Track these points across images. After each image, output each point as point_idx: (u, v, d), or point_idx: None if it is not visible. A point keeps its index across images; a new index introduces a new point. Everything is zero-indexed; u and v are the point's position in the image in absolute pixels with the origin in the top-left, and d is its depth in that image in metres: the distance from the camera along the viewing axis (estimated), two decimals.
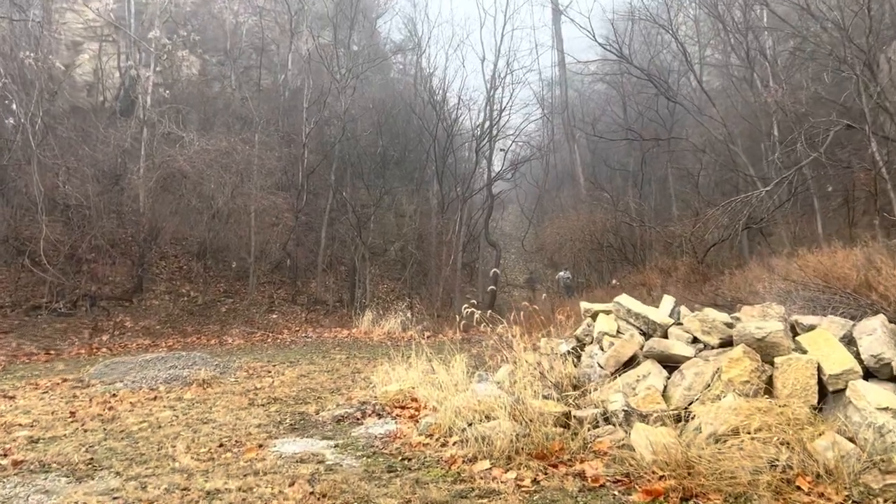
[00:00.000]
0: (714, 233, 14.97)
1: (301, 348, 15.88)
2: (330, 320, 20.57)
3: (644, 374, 6.86)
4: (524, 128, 28.35)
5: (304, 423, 7.60)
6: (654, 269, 16.21)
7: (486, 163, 25.88)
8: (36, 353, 14.55)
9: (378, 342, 17.06)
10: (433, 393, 7.87)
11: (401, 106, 26.87)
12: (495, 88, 24.89)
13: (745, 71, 20.32)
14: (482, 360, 10.70)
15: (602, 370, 7.26)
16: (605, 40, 18.79)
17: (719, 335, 7.17)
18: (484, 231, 27.05)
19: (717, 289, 11.88)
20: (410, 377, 8.78)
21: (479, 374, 8.21)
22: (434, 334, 18.32)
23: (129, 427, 7.56)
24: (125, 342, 16.17)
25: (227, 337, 17.41)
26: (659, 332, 7.59)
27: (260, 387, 10.31)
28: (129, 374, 11.12)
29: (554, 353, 8.33)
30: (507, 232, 37.25)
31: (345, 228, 24.73)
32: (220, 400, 9.21)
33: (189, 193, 18.56)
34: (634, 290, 16.07)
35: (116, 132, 18.56)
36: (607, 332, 7.94)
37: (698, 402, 6.27)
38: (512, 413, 6.41)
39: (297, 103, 25.02)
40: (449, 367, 8.88)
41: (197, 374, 11.03)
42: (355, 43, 28.42)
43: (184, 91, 25.44)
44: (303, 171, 23.24)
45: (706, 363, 6.58)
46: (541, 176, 35.61)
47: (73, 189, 16.54)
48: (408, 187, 28.06)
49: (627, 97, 23.23)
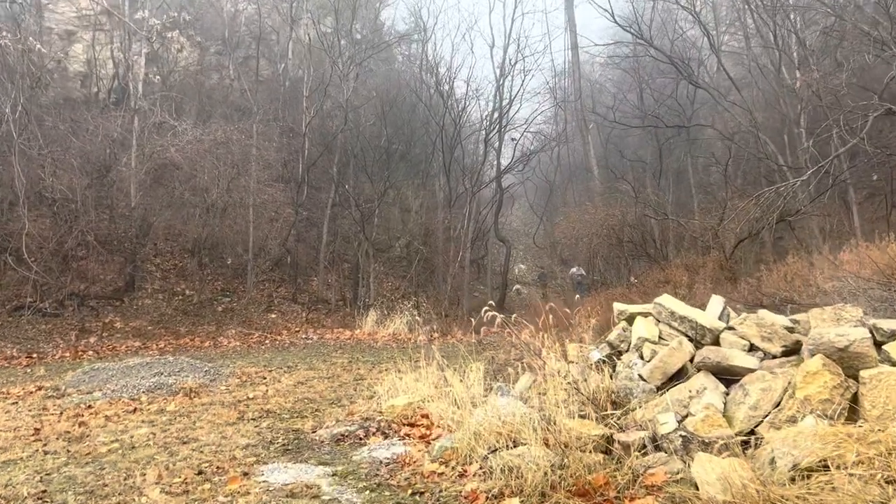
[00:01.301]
0: (745, 226, 13.88)
1: (300, 351, 14.89)
2: (332, 320, 19.56)
3: (698, 389, 5.82)
4: (536, 116, 27.22)
5: (298, 444, 6.60)
6: (678, 266, 15.13)
7: (496, 154, 24.77)
8: (17, 357, 13.61)
9: (383, 344, 16.05)
10: (447, 408, 6.86)
11: (406, 95, 25.75)
12: (505, 76, 23.81)
13: (771, 55, 19.23)
14: (500, 368, 9.67)
15: (645, 383, 6.22)
16: (625, 22, 17.71)
17: (781, 342, 6.15)
18: (493, 226, 25.95)
19: (757, 287, 10.82)
20: (420, 389, 7.76)
21: (498, 387, 7.18)
22: (442, 335, 17.30)
23: (98, 448, 6.58)
24: (113, 344, 15.21)
25: (222, 338, 16.43)
26: (709, 338, 6.56)
27: (252, 396, 9.32)
28: (109, 382, 10.14)
29: (585, 362, 7.30)
30: (515, 228, 36.15)
31: (348, 224, 23.69)
32: (206, 413, 8.22)
33: (182, 186, 17.55)
34: (658, 288, 14.99)
35: (105, 122, 17.54)
36: (648, 339, 6.89)
37: (768, 424, 5.24)
38: (543, 437, 5.40)
39: (298, 94, 24.01)
40: (464, 376, 7.88)
41: (184, 381, 10.06)
42: (358, 32, 27.36)
43: (180, 81, 24.45)
44: (303, 164, 22.21)
45: (774, 377, 5.54)
46: (550, 169, 34.50)
47: (59, 182, 15.55)
48: (413, 181, 26.97)
49: (644, 83, 22.11)
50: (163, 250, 20.64)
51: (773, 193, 13.62)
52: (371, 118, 24.54)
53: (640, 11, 18.10)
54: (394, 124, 25.13)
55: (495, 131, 23.88)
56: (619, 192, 20.41)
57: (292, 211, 21.53)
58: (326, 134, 23.45)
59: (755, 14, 17.57)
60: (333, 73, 22.14)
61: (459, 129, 24.01)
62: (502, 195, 25.38)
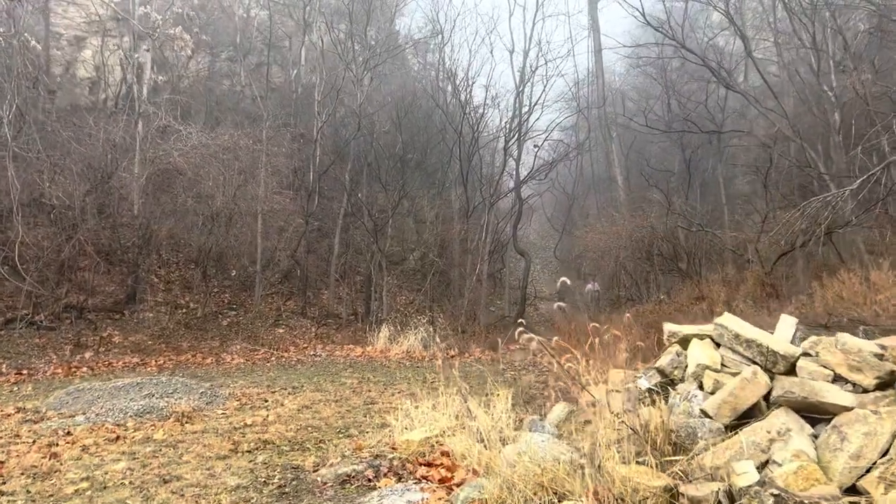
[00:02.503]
0: (789, 239, 12.79)
1: (308, 369, 13.92)
2: (342, 336, 18.58)
3: (779, 430, 4.79)
4: (558, 123, 26.13)
5: (296, 486, 5.64)
6: (715, 282, 14.04)
7: (515, 163, 23.81)
8: (5, 374, 12.74)
9: (396, 362, 15.06)
10: (471, 445, 5.85)
11: (422, 101, 24.83)
12: (525, 83, 22.83)
13: (805, 59, 18.21)
14: (530, 397, 8.68)
15: (711, 421, 5.18)
16: (656, 23, 16.68)
17: (874, 373, 5.16)
18: (512, 238, 24.88)
19: (809, 306, 9.75)
20: (439, 420, 6.75)
21: (531, 420, 6.16)
22: (459, 353, 16.28)
23: (63, 489, 5.65)
24: (110, 360, 14.31)
25: (225, 355, 15.50)
26: (781, 366, 5.54)
27: (250, 423, 8.36)
28: (94, 405, 9.21)
29: (633, 392, 6.28)
30: (531, 241, 35.11)
31: (360, 234, 22.74)
32: (196, 443, 7.26)
33: (186, 193, 16.71)
34: (692, 305, 13.96)
35: (108, 126, 16.76)
36: (708, 366, 5.87)
37: (877, 479, 4.21)
38: (593, 487, 4.41)
39: (310, 101, 23.23)
40: (488, 403, 6.89)
41: (176, 404, 9.11)
42: (373, 38, 26.60)
43: (190, 87, 23.79)
44: (314, 171, 21.32)
45: (879, 419, 4.50)
46: (569, 181, 33.48)
47: (57, 188, 14.75)
48: (429, 191, 26.01)
49: (671, 89, 21.06)
50: (168, 261, 19.81)
51: (820, 204, 12.55)
52: (386, 124, 23.66)
53: (670, 12, 17.12)
54: (409, 131, 24.22)
55: (514, 139, 22.91)
56: (647, 203, 19.31)
57: (302, 221, 20.64)
58: (339, 141, 22.58)
59: (793, 15, 16.54)
60: (347, 78, 21.32)
61: (478, 137, 23.04)
62: (521, 206, 24.36)
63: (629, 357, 7.62)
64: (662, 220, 17.18)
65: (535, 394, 9.97)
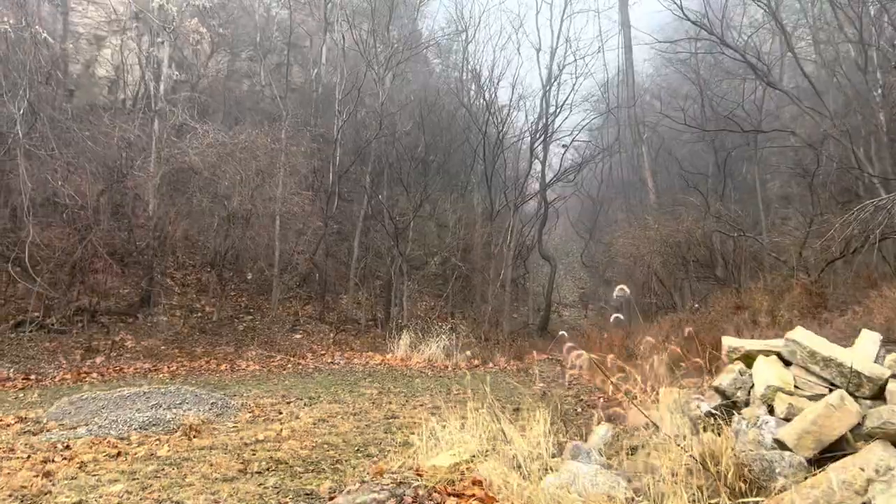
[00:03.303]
0: (838, 244, 11.94)
1: (325, 377, 13.31)
2: (361, 343, 17.95)
3: (877, 467, 4.04)
4: (587, 123, 25.34)
5: None
6: (757, 290, 13.19)
7: (541, 165, 23.06)
8: (12, 379, 12.27)
9: (417, 372, 14.39)
10: (507, 473, 5.15)
11: (445, 100, 24.15)
12: (551, 83, 22.13)
13: (846, 57, 17.33)
14: (569, 416, 7.97)
15: (791, 454, 4.45)
16: (696, 17, 15.90)
17: None
18: (537, 243, 24.10)
19: (867, 318, 8.93)
20: (468, 442, 6.06)
21: (575, 447, 5.44)
22: (483, 363, 15.57)
23: None
24: (121, 365, 13.80)
25: (240, 361, 14.93)
26: (867, 389, 4.80)
27: (263, 438, 7.72)
28: (98, 415, 8.65)
29: (690, 414, 5.56)
30: (553, 245, 34.32)
31: (380, 238, 22.12)
32: (202, 461, 6.64)
33: (202, 193, 16.19)
34: (732, 315, 13.13)
35: (123, 123, 16.31)
36: (780, 388, 5.13)
37: None
38: None
39: (330, 100, 22.71)
40: (524, 422, 6.22)
41: (185, 416, 8.53)
42: (395, 40, 26.04)
43: (209, 86, 23.38)
44: (334, 172, 20.75)
45: None
46: (593, 184, 32.65)
47: (70, 186, 14.30)
48: (451, 194, 25.34)
49: (705, 88, 20.20)
50: (184, 263, 19.34)
51: (873, 208, 11.72)
52: (408, 124, 23.03)
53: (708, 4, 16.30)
54: (431, 132, 23.55)
55: (540, 140, 22.17)
56: (681, 206, 18.44)
57: (321, 223, 20.07)
58: (360, 142, 22.01)
59: (837, 9, 15.69)
60: (368, 77, 20.75)
61: (503, 138, 22.31)
62: (547, 209, 23.60)
63: (683, 373, 6.93)
64: (700, 224, 16.35)
65: (568, 409, 9.27)
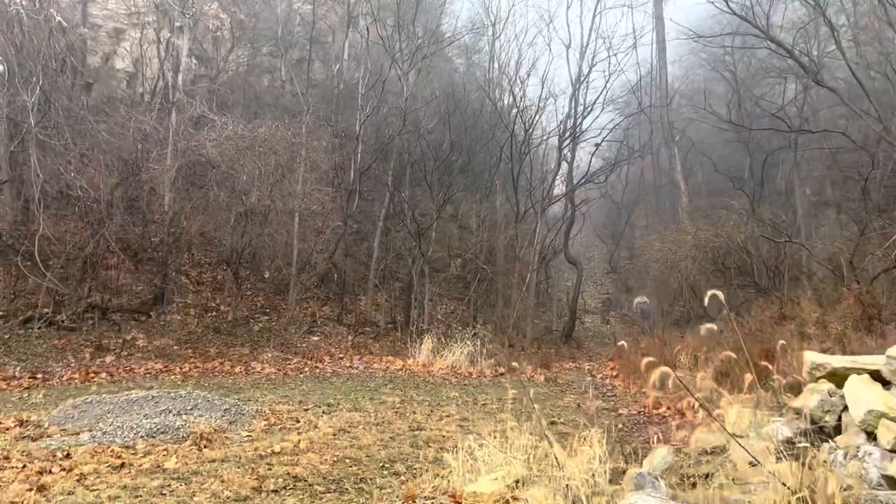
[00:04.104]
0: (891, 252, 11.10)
1: (344, 383, 12.65)
2: (380, 346, 17.27)
3: None
4: (619, 122, 24.47)
5: None
6: (805, 300, 12.34)
7: (568, 166, 22.26)
8: (18, 377, 11.72)
9: (440, 379, 13.69)
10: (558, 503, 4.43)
11: (471, 96, 23.40)
12: (581, 82, 21.36)
13: None
14: (621, 437, 7.23)
15: None
16: (741, 10, 15.08)
17: None
18: (564, 247, 23.28)
19: None
20: (511, 465, 5.34)
21: (638, 475, 4.70)
22: (509, 371, 14.82)
23: None
24: (131, 365, 13.22)
25: (255, 363, 14.31)
26: None
27: (279, 450, 7.06)
28: (103, 420, 8.03)
29: (773, 439, 4.80)
30: (576, 251, 33.52)
31: (401, 238, 21.43)
32: (213, 477, 5.99)
33: (219, 188, 15.60)
34: (777, 327, 12.29)
35: (139, 115, 15.77)
36: (885, 413, 4.37)
37: None
38: None
39: (353, 96, 22.10)
40: (573, 441, 5.50)
41: (195, 424, 7.88)
42: (419, 37, 25.39)
43: (230, 80, 22.88)
44: (355, 169, 20.11)
45: None
46: (617, 188, 31.80)
47: (84, 178, 13.76)
48: (474, 195, 24.58)
49: (742, 87, 19.33)
50: (199, 260, 18.78)
51: None
52: (431, 121, 22.32)
53: None
54: (455, 131, 22.80)
55: (569, 140, 21.39)
56: (722, 210, 17.56)
57: (341, 222, 19.43)
58: (382, 139, 21.34)
59: (887, 4, 14.82)
60: (392, 68, 20.09)
61: (530, 136, 21.56)
62: (574, 212, 22.80)
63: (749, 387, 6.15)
64: (742, 229, 15.48)
65: (609, 425, 8.52)
